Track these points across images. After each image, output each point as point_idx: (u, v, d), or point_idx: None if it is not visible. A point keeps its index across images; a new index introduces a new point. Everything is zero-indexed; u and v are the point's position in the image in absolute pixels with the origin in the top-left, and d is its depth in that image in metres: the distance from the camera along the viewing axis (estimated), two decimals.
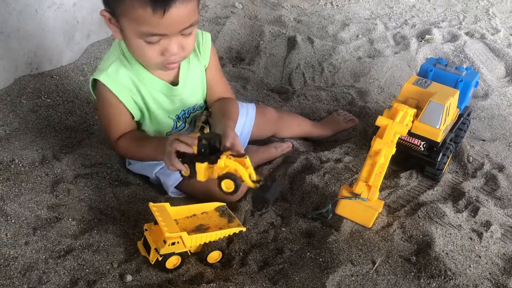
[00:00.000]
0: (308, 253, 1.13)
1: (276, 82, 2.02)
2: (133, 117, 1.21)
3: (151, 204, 1.05)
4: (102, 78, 1.14)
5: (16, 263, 0.98)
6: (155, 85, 1.20)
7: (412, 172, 1.44)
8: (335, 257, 1.11)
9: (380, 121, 1.22)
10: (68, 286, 0.98)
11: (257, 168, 1.47)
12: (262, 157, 1.47)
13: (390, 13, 2.63)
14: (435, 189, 1.38)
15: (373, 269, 1.11)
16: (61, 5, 1.67)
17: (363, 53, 2.21)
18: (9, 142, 1.28)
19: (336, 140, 1.65)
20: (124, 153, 1.24)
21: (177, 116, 1.28)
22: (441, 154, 1.35)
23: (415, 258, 1.15)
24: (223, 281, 1.06)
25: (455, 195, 1.37)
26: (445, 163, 1.38)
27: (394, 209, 1.30)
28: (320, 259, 1.11)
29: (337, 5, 2.67)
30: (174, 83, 1.23)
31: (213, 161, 1.02)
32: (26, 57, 1.60)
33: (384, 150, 1.18)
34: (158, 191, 1.34)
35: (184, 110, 1.29)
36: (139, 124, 1.26)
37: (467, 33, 2.40)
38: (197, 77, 1.28)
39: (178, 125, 1.30)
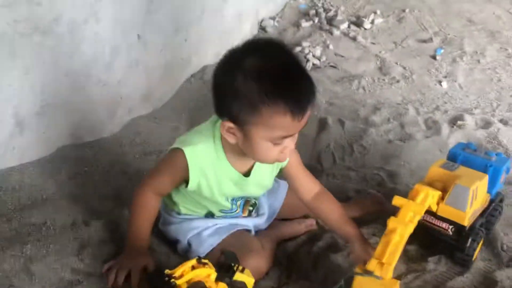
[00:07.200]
0: None
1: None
2: (186, 186, 1.23)
3: None
4: (187, 150, 1.17)
5: None
6: (229, 173, 1.24)
7: (441, 257, 1.39)
8: None
9: (396, 200, 1.23)
10: None
11: (280, 244, 1.47)
12: (285, 232, 1.47)
13: (422, 99, 2.67)
14: (465, 276, 1.32)
15: None
16: (107, 83, 1.81)
17: (394, 136, 2.23)
18: (44, 205, 1.34)
19: (364, 220, 1.62)
20: (133, 203, 1.26)
21: (233, 200, 1.32)
22: (470, 239, 1.31)
23: None
24: None
25: (487, 283, 1.30)
26: (474, 249, 1.34)
27: None
28: None
29: (369, 90, 2.74)
30: (246, 174, 1.27)
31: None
32: (70, 129, 1.72)
33: (399, 228, 1.17)
34: (185, 259, 1.34)
35: (242, 199, 1.34)
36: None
37: (500, 120, 2.39)
38: (266, 172, 1.31)
39: (232, 207, 1.34)
